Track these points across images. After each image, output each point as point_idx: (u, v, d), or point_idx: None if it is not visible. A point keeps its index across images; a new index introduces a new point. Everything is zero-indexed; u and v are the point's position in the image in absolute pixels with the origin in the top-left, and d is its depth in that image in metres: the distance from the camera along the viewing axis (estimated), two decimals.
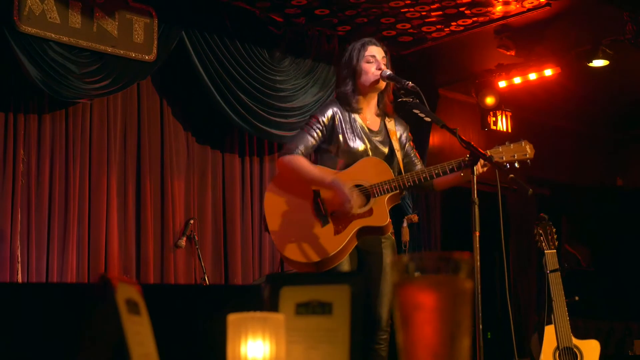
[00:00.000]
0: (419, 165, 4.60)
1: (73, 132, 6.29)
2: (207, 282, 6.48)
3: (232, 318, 1.47)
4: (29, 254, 5.93)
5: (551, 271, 5.07)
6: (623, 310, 9.79)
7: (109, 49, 6.16)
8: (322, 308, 1.57)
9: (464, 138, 4.00)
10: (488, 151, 4.19)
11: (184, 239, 6.63)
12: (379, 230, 4.37)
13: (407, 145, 4.61)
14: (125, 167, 6.58)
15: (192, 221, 6.70)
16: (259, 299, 1.65)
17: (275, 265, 7.22)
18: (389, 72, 4.43)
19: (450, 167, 4.27)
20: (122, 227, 6.47)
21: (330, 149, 4.46)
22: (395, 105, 4.54)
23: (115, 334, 1.38)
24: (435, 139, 8.59)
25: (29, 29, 5.72)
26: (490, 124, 8.63)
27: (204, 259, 6.65)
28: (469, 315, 1.15)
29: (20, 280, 5.77)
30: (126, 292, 1.44)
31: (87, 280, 6.12)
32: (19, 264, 5.84)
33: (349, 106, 4.48)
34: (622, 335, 9.63)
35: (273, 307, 1.58)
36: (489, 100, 8.39)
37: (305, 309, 1.58)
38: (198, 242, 6.67)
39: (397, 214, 5.61)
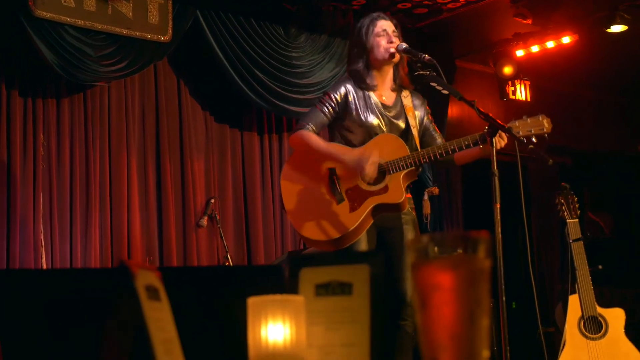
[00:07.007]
0: (439, 140, 4.56)
1: (92, 115, 6.31)
2: (230, 261, 6.50)
3: (252, 301, 1.47)
4: (52, 238, 5.96)
5: (574, 240, 5.05)
6: None
7: (125, 31, 6.16)
8: (342, 288, 1.57)
9: (482, 110, 3.98)
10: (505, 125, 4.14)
11: (206, 218, 6.64)
12: (395, 207, 4.35)
13: (425, 119, 4.58)
14: (145, 148, 6.59)
15: (213, 200, 6.71)
16: (280, 279, 1.65)
17: (297, 242, 7.22)
18: (404, 45, 4.40)
19: (466, 143, 4.22)
20: (143, 208, 6.49)
21: (345, 125, 4.45)
22: (412, 79, 4.51)
23: (136, 321, 1.38)
24: (454, 110, 8.55)
25: (44, 13, 5.72)
26: (509, 94, 8.56)
27: (226, 238, 6.66)
28: (487, 294, 1.15)
29: (45, 264, 5.81)
30: (146, 278, 1.44)
31: (110, 262, 6.16)
32: (43, 248, 5.88)
33: (363, 84, 4.45)
34: None
35: (293, 289, 1.58)
36: (507, 70, 8.33)
37: (325, 289, 1.57)
38: (220, 221, 6.68)
39: (417, 187, 5.59)
